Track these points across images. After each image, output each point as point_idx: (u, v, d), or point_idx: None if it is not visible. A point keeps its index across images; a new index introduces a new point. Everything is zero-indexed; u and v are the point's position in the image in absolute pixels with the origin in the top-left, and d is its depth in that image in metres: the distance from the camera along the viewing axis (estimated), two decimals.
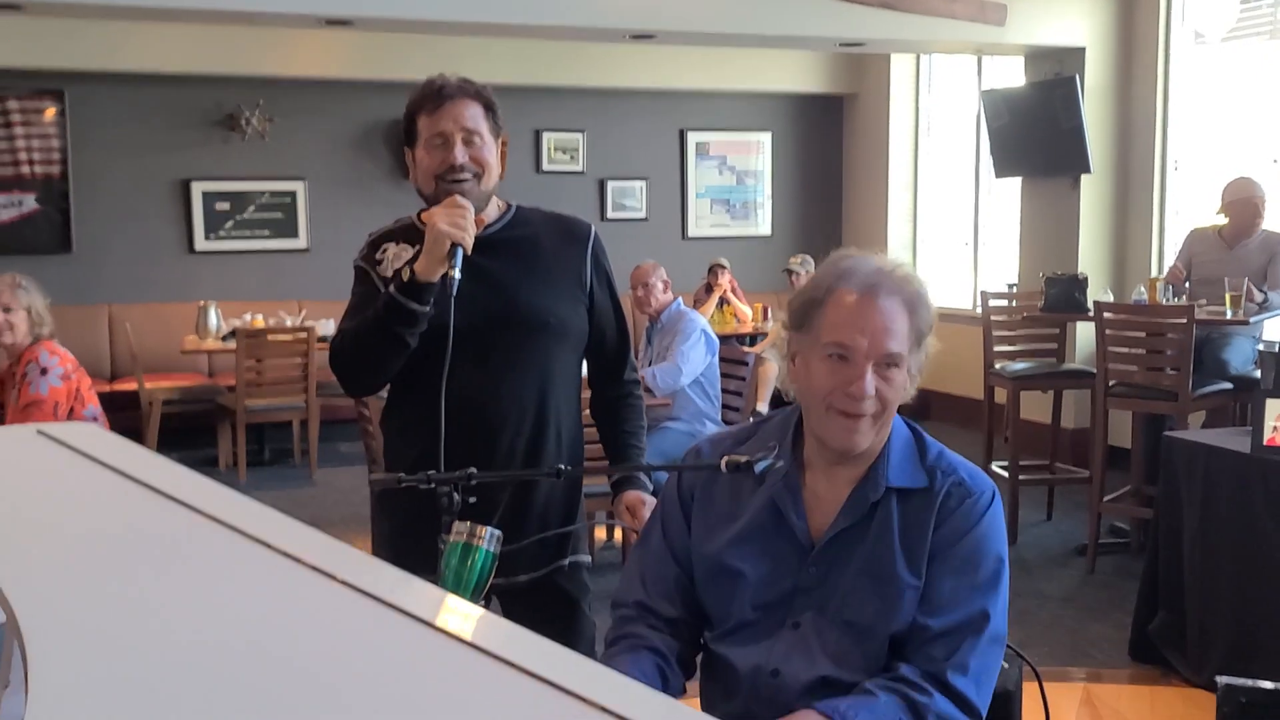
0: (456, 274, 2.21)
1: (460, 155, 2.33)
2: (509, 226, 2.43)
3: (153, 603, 1.21)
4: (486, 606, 2.37)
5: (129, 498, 1.46)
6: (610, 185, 9.62)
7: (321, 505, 6.78)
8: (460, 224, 2.23)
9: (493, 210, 2.43)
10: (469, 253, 2.24)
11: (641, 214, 9.75)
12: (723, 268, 8.60)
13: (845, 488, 1.82)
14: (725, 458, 1.72)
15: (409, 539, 2.14)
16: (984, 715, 1.77)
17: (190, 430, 7.96)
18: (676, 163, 9.92)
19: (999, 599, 1.78)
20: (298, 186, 8.94)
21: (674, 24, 6.63)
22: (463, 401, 2.27)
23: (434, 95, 2.35)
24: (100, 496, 1.47)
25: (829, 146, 10.29)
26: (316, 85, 8.86)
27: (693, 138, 9.94)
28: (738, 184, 10.15)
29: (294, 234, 8.98)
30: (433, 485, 1.87)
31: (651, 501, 2.40)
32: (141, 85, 8.51)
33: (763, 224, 10.18)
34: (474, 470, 1.89)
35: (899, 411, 1.87)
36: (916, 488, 1.80)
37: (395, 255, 2.39)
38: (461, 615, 1.18)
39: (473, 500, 1.87)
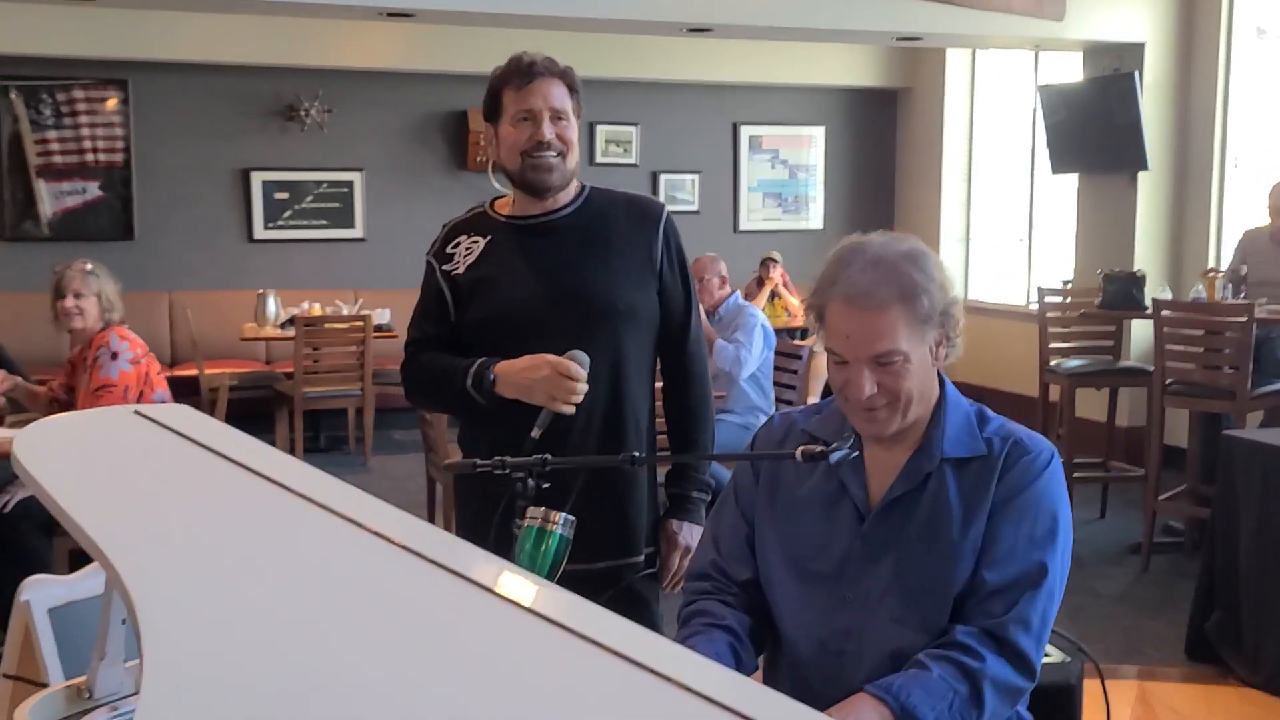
0: (535, 435, 2.10)
1: (548, 131, 2.34)
2: (581, 209, 2.43)
3: (255, 579, 1.26)
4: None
5: (226, 476, 1.52)
6: (663, 178, 9.64)
7: (375, 492, 6.74)
8: (569, 400, 2.24)
9: (569, 190, 2.43)
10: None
11: (694, 207, 9.76)
12: (774, 261, 8.60)
13: (902, 457, 1.86)
14: (800, 448, 1.75)
15: (486, 524, 2.18)
16: (1038, 672, 1.78)
17: (248, 416, 8.06)
18: (729, 156, 9.93)
19: (1056, 554, 1.79)
20: (355, 176, 9.04)
21: (731, 18, 6.64)
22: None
23: (522, 71, 2.37)
24: (199, 475, 1.53)
25: (882, 141, 10.26)
26: (374, 76, 8.95)
27: (745, 131, 9.94)
28: (790, 177, 10.14)
29: (350, 223, 9.08)
30: (507, 471, 1.90)
31: (686, 547, 2.42)
32: (203, 75, 8.63)
33: (814, 218, 10.17)
34: (548, 456, 1.92)
35: (965, 391, 1.92)
36: (974, 456, 1.83)
37: (467, 249, 2.43)
38: (553, 599, 1.23)
39: (546, 486, 1.90)
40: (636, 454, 1.92)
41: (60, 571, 4.12)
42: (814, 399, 7.52)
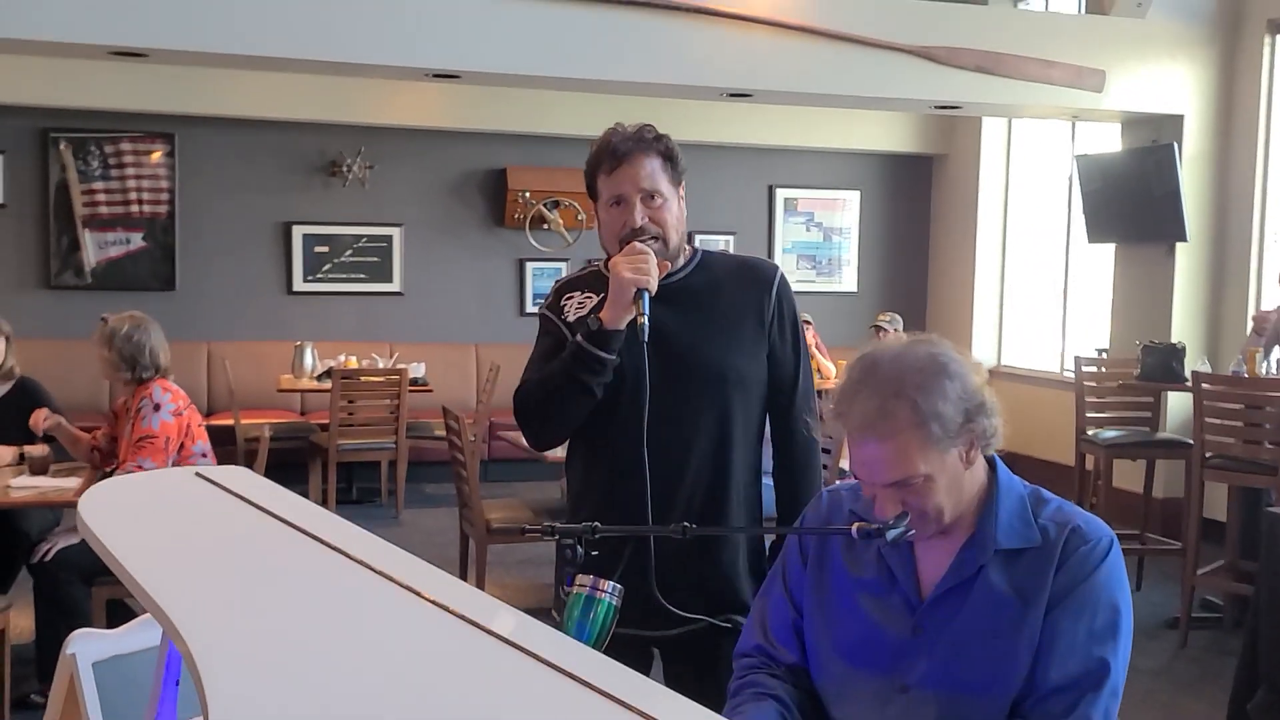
0: (646, 320, 2.19)
1: (640, 217, 2.32)
2: (693, 274, 2.42)
3: (312, 642, 1.27)
4: (647, 660, 2.37)
5: (284, 539, 1.53)
6: (699, 239, 9.69)
7: (407, 546, 6.78)
8: (644, 268, 2.23)
9: (681, 257, 2.42)
10: (653, 294, 2.24)
11: None
12: (807, 323, 8.61)
13: (954, 545, 1.81)
14: (856, 524, 1.73)
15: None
16: None
17: (281, 466, 8.05)
18: (764, 218, 9.99)
19: (1119, 649, 1.74)
20: (394, 232, 9.13)
21: (772, 83, 6.70)
22: (645, 450, 2.27)
23: (610, 154, 2.35)
24: (257, 536, 1.54)
25: (917, 206, 10.29)
26: (415, 133, 9.06)
27: (781, 194, 10.01)
28: (825, 240, 10.18)
29: (389, 278, 9.16)
30: (556, 537, 1.89)
31: None
32: (248, 130, 8.77)
33: (848, 280, 10.19)
34: (597, 524, 1.91)
35: (1016, 470, 1.88)
36: (1029, 546, 1.78)
37: (579, 304, 2.40)
38: (598, 666, 1.23)
39: (595, 554, 1.87)
40: (687, 524, 1.90)
41: (98, 621, 4.15)
42: (845, 462, 7.50)
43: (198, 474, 1.68)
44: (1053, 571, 1.76)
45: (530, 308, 9.43)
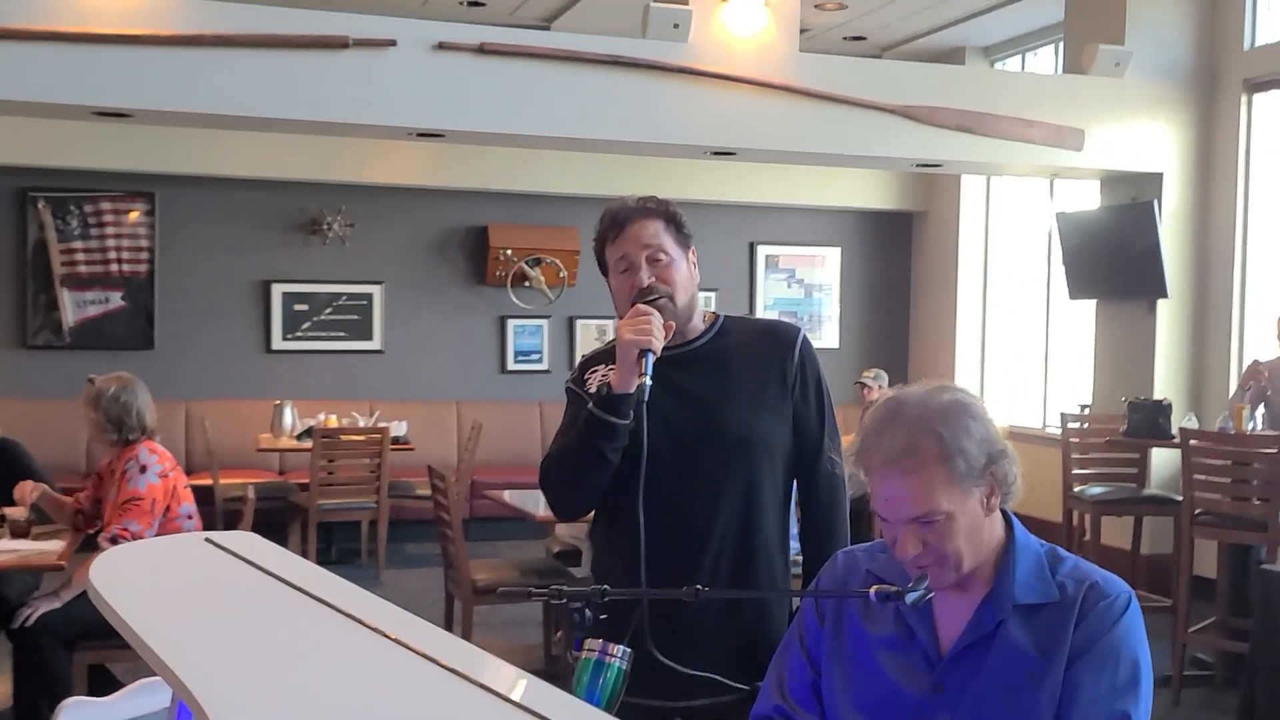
0: (648, 380, 2.21)
1: (645, 276, 2.34)
2: (714, 340, 2.44)
3: (325, 703, 1.26)
4: None
5: (295, 604, 1.52)
6: None
7: None
8: (645, 329, 2.25)
9: (698, 323, 2.44)
10: (658, 354, 2.26)
11: None
12: None
13: (972, 602, 1.84)
14: (874, 587, 1.74)
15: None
16: None
17: (260, 527, 7.96)
18: (745, 274, 10.05)
19: (1140, 703, 1.75)
20: (374, 290, 9.14)
21: (756, 142, 6.77)
22: (664, 519, 2.28)
23: (613, 223, 2.38)
24: (267, 601, 1.53)
25: (897, 262, 10.38)
26: (396, 191, 9.10)
27: (763, 250, 10.08)
28: (806, 296, 10.24)
29: (369, 336, 9.15)
30: (564, 600, 1.87)
31: None
32: (229, 188, 8.78)
33: (829, 336, 10.24)
34: (606, 587, 1.90)
35: (1035, 530, 1.90)
36: (1046, 602, 1.81)
37: (602, 377, 2.41)
38: None
39: (604, 617, 1.86)
40: (700, 586, 1.89)
41: (79, 688, 4.09)
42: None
43: (207, 539, 1.67)
44: (1072, 626, 1.78)
45: (512, 365, 9.43)
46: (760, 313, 10.03)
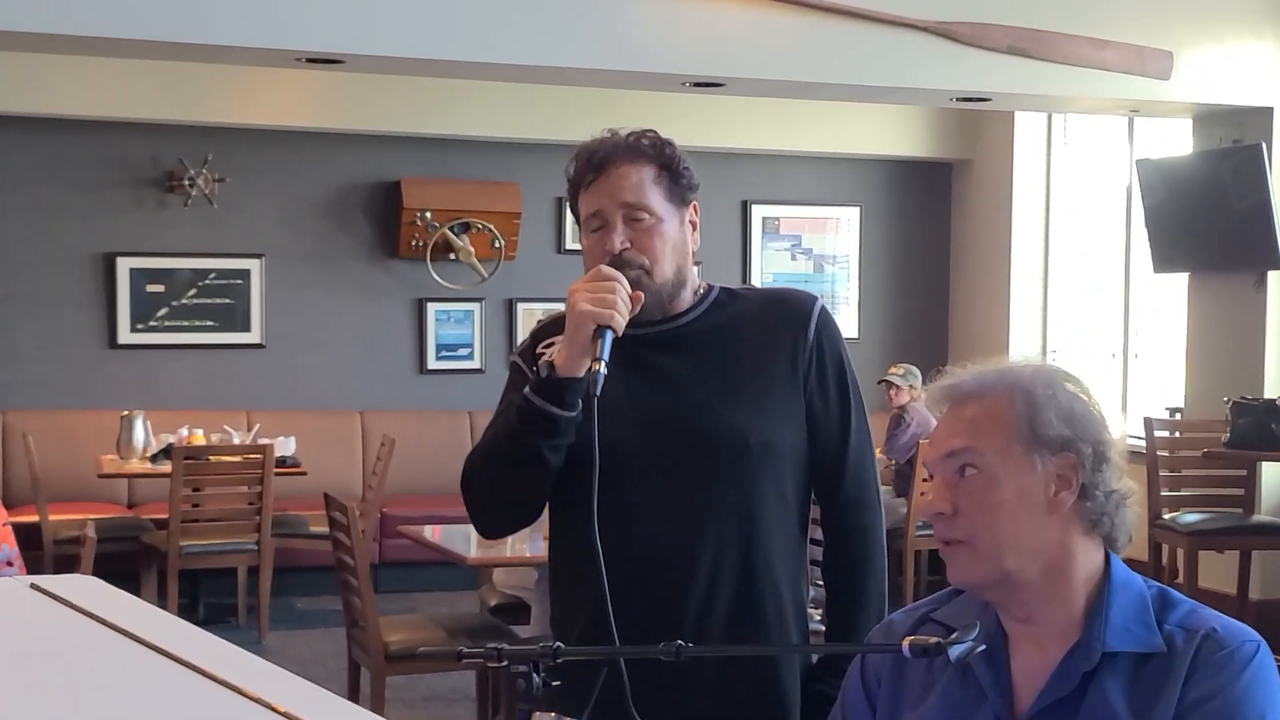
0: (602, 368, 2.22)
1: (619, 240, 2.36)
2: (706, 315, 2.46)
3: None
4: None
5: (140, 661, 1.51)
6: None
7: None
8: (607, 299, 2.26)
9: (685, 296, 2.46)
10: (619, 333, 2.27)
11: None
12: None
13: (1056, 654, 1.88)
14: (908, 639, 1.76)
15: None
16: None
17: (105, 575, 7.95)
18: (737, 243, 10.09)
19: None
20: (252, 265, 9.11)
21: (748, 70, 6.77)
22: (639, 550, 2.29)
23: (589, 164, 2.40)
24: (104, 658, 1.52)
25: (934, 227, 10.45)
26: (281, 137, 9.07)
27: (758, 212, 10.12)
28: (815, 271, 10.29)
29: (246, 326, 9.13)
30: (503, 663, 1.85)
31: None
32: (58, 132, 8.71)
33: (847, 322, 10.25)
34: (560, 645, 1.88)
35: (1140, 570, 1.95)
36: (1148, 653, 1.85)
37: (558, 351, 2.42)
38: None
39: (557, 684, 1.84)
40: (681, 643, 1.89)
41: None
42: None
43: (34, 586, 1.67)
44: (1180, 684, 1.81)
45: (433, 362, 9.42)
46: None
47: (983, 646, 1.81)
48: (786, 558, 2.42)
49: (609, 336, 2.25)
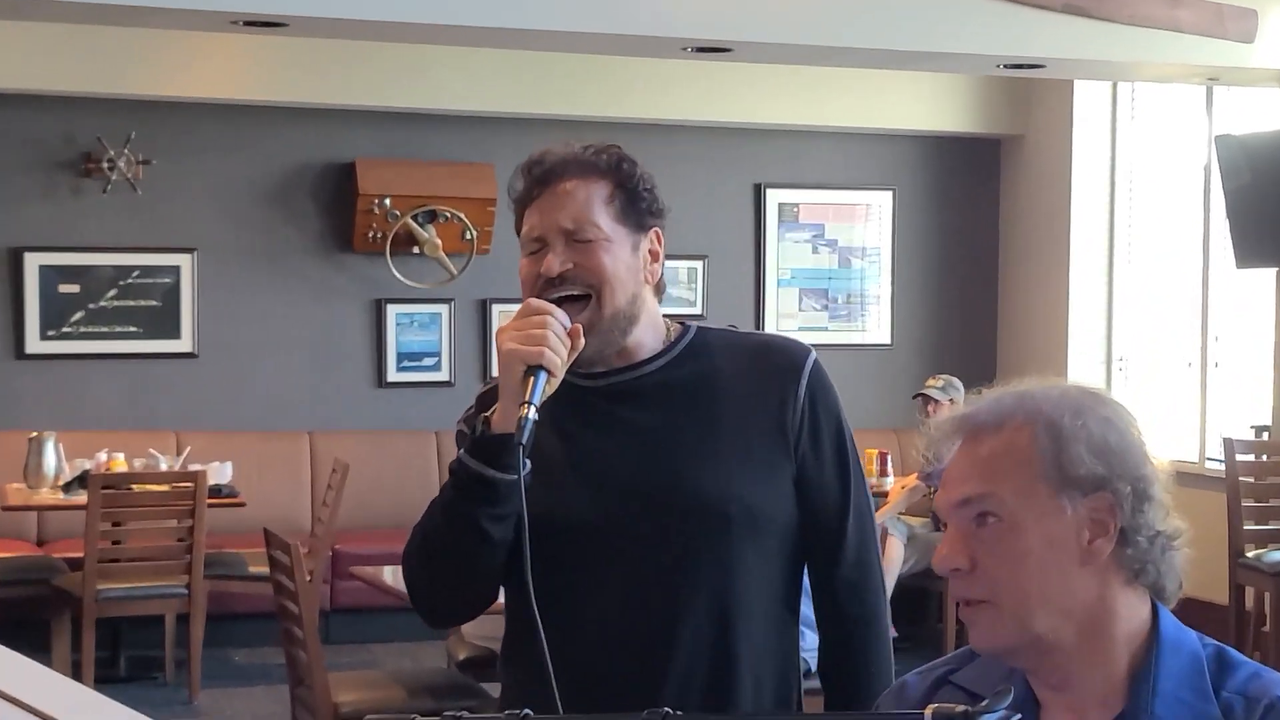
0: (531, 412, 2.24)
1: (557, 262, 2.38)
2: (676, 363, 2.48)
3: None
4: None
5: None
6: None
7: None
8: (535, 336, 2.28)
9: (648, 338, 2.48)
10: (556, 374, 2.29)
11: (695, 308, 9.84)
12: None
13: None
14: (931, 708, 1.75)
15: None
16: None
17: (9, 624, 7.97)
18: (749, 233, 10.09)
19: None
20: (183, 261, 9.11)
21: (760, 33, 6.76)
22: (596, 641, 2.32)
23: (530, 177, 2.43)
24: None
25: (979, 214, 10.45)
26: (216, 112, 9.08)
27: (774, 197, 10.12)
28: (841, 266, 10.29)
29: (175, 332, 9.12)
30: None
31: None
32: None
33: (878, 326, 10.28)
34: (529, 712, 1.85)
35: (1189, 615, 1.93)
36: None
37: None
38: None
39: None
40: (669, 710, 1.90)
41: None
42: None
43: None
44: None
45: (394, 373, 9.42)
46: (771, 293, 10.07)
47: (1018, 717, 1.80)
48: (774, 649, 2.45)
49: (542, 377, 2.27)
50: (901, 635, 8.21)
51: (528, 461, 2.23)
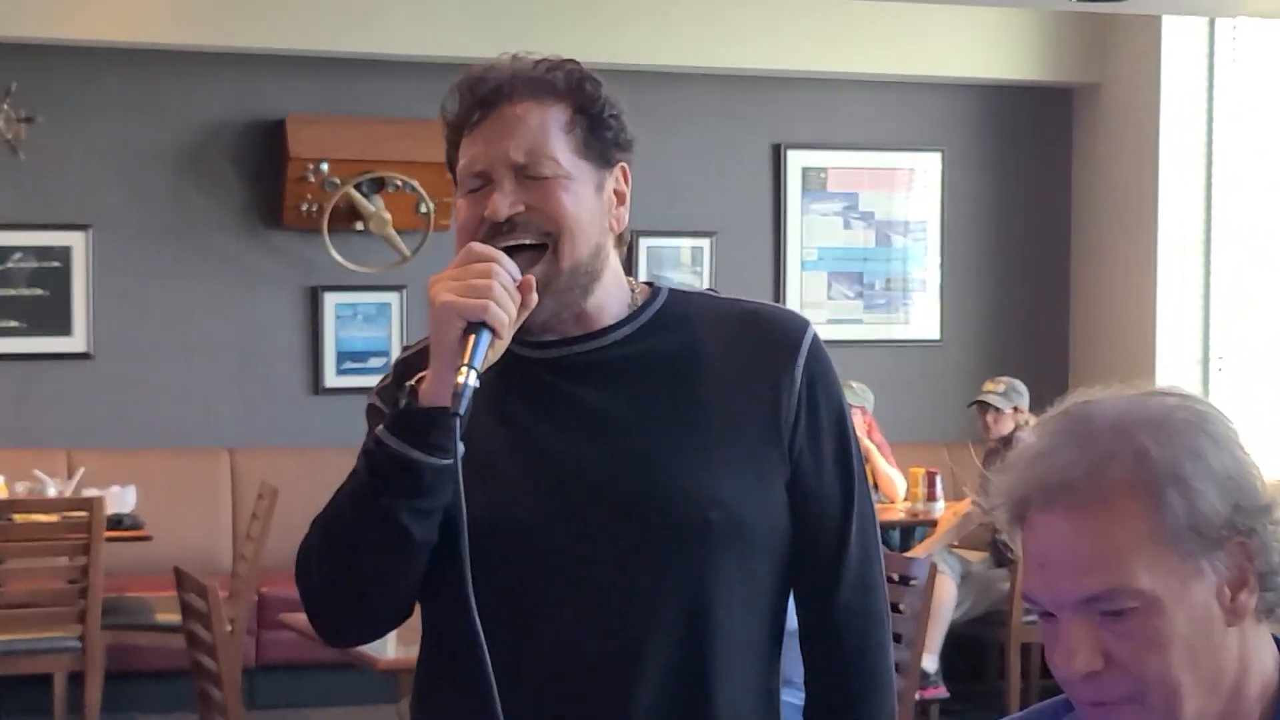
0: (470, 378, 2.19)
1: (505, 204, 2.33)
2: (646, 332, 2.45)
3: None
4: None
5: None
6: (645, 245, 9.74)
7: None
8: (479, 287, 2.24)
9: (611, 301, 2.45)
10: (503, 336, 2.24)
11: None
12: (851, 402, 8.64)
13: None
14: None
15: None
16: None
17: None
18: (767, 202, 10.10)
19: None
20: (75, 241, 9.13)
21: None
22: (546, 672, 2.30)
23: (473, 98, 2.38)
24: None
25: (1047, 179, 10.47)
26: (115, 58, 9.09)
27: (796, 160, 10.13)
28: (879, 244, 10.30)
29: (65, 328, 9.15)
30: None
31: None
32: None
33: (925, 317, 10.29)
34: None
35: None
36: None
37: None
38: None
39: None
40: None
41: None
42: (930, 661, 7.55)
43: None
44: None
45: (333, 377, 9.43)
46: (794, 276, 10.06)
47: None
48: (756, 688, 2.42)
49: (485, 337, 2.21)
50: (955, 694, 8.35)
51: (461, 444, 2.19)
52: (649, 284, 2.50)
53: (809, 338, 2.45)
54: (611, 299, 2.43)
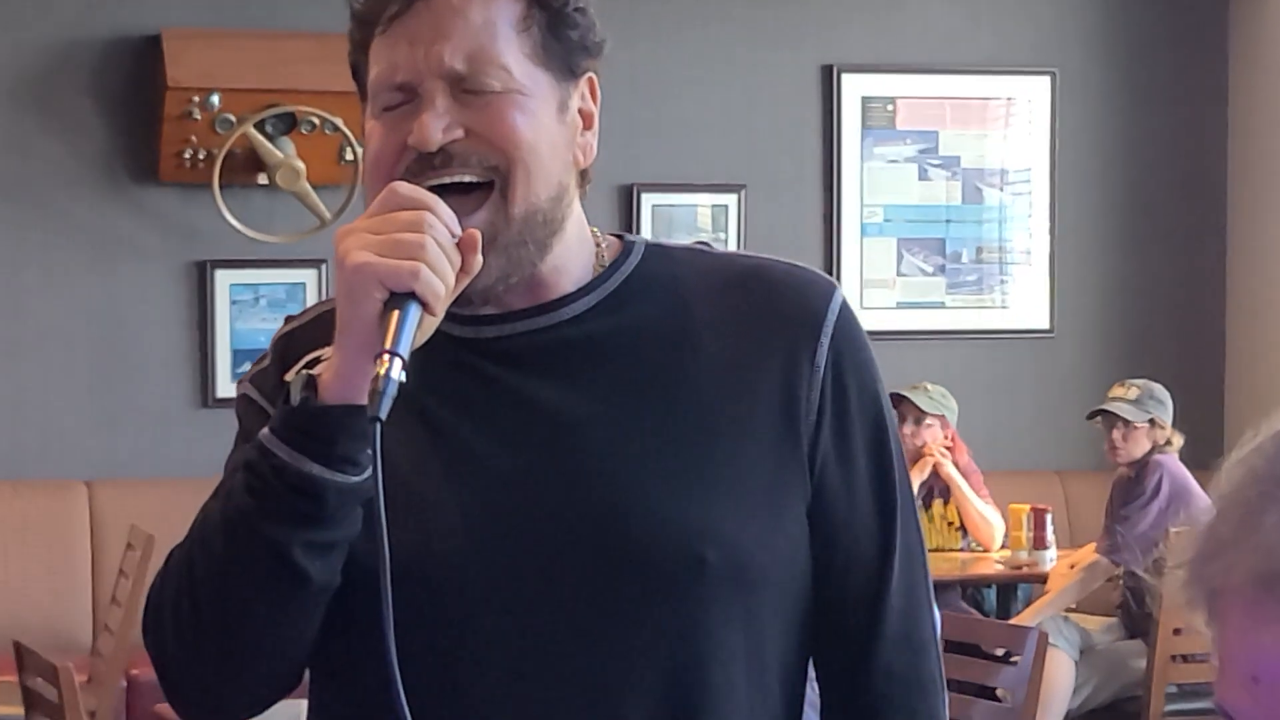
0: (395, 372, 2.15)
1: (436, 127, 2.30)
2: (615, 302, 2.47)
3: None
4: None
5: None
6: (650, 203, 9.74)
7: None
8: (407, 244, 2.22)
9: (573, 261, 2.45)
10: (437, 313, 2.24)
11: None
12: (926, 410, 8.64)
13: None
14: None
15: None
16: None
17: None
18: (814, 147, 10.16)
19: None
20: None
21: None
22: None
23: None
24: None
25: (1195, 111, 10.53)
26: None
27: (854, 87, 10.21)
28: (968, 201, 10.38)
29: None
30: None
31: None
32: None
33: (1030, 301, 10.35)
34: None
35: None
36: None
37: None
38: None
39: None
40: None
41: None
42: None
43: None
44: None
45: (225, 384, 9.44)
46: (850, 242, 10.08)
47: None
48: None
49: (413, 312, 2.20)
50: None
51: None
52: (618, 236, 2.49)
53: (835, 305, 2.44)
54: (574, 259, 2.44)
